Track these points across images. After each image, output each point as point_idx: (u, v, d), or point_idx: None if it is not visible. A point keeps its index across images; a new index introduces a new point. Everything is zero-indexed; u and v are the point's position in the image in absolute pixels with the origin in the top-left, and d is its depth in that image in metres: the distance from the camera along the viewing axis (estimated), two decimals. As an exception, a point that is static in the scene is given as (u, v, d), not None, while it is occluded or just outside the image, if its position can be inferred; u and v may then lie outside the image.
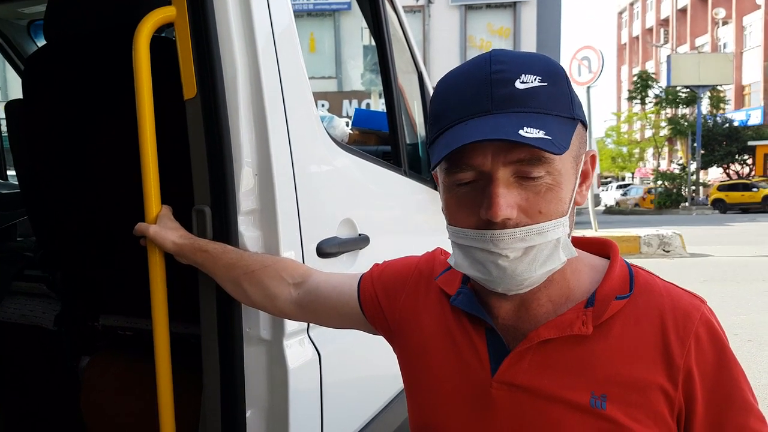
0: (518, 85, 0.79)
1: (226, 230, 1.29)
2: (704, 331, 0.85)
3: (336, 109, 21.23)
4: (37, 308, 2.00)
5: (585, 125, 0.87)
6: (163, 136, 1.28)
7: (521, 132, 0.75)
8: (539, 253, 0.82)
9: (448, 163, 0.84)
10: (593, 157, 0.91)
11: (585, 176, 0.90)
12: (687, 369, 0.84)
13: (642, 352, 0.85)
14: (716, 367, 0.85)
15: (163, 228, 1.29)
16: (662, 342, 0.85)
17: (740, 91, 40.11)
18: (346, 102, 22.16)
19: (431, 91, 2.60)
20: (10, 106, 1.66)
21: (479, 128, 0.78)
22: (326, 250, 1.49)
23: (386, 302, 1.11)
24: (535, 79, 0.80)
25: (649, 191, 32.07)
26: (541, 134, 0.76)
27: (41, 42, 3.00)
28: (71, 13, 1.56)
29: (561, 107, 0.81)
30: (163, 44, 1.33)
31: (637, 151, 39.31)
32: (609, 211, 31.31)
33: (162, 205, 1.32)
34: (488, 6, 23.38)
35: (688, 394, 0.84)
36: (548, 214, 0.81)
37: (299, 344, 1.42)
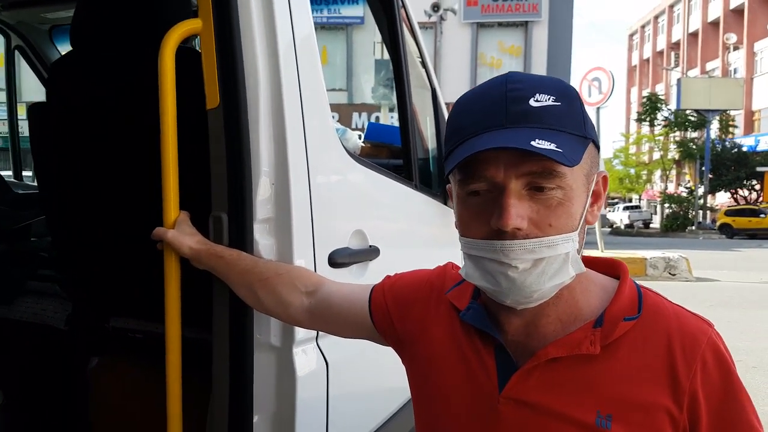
0: (532, 102, 0.83)
1: (241, 237, 1.31)
2: (711, 355, 0.86)
3: (346, 121, 21.29)
4: (49, 308, 2.02)
5: (597, 146, 0.89)
6: (183, 143, 1.31)
7: (533, 143, 0.78)
8: (548, 266, 0.83)
9: (462, 174, 0.87)
10: (605, 178, 0.93)
11: (596, 196, 0.91)
12: (692, 392, 0.84)
13: (648, 373, 0.86)
14: (722, 391, 0.85)
15: (180, 233, 1.31)
16: (669, 364, 0.86)
17: (750, 116, 40.00)
18: (355, 114, 22.24)
19: (444, 108, 2.63)
20: (34, 109, 1.69)
21: (493, 139, 0.81)
22: (337, 260, 1.50)
23: (397, 314, 1.13)
24: (548, 99, 0.83)
25: None
26: (552, 146, 0.78)
27: (62, 46, 3.03)
28: (97, 21, 1.58)
29: (573, 125, 0.84)
30: (187, 55, 1.36)
31: (645, 172, 39.22)
32: (615, 232, 31.21)
33: (180, 211, 1.35)
34: (500, 24, 23.47)
35: (693, 416, 0.85)
36: (558, 228, 0.83)
37: (308, 352, 1.43)
